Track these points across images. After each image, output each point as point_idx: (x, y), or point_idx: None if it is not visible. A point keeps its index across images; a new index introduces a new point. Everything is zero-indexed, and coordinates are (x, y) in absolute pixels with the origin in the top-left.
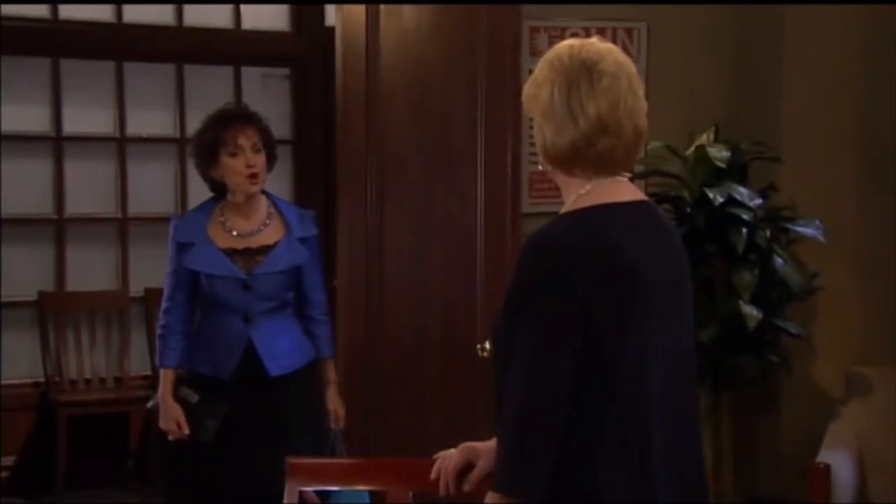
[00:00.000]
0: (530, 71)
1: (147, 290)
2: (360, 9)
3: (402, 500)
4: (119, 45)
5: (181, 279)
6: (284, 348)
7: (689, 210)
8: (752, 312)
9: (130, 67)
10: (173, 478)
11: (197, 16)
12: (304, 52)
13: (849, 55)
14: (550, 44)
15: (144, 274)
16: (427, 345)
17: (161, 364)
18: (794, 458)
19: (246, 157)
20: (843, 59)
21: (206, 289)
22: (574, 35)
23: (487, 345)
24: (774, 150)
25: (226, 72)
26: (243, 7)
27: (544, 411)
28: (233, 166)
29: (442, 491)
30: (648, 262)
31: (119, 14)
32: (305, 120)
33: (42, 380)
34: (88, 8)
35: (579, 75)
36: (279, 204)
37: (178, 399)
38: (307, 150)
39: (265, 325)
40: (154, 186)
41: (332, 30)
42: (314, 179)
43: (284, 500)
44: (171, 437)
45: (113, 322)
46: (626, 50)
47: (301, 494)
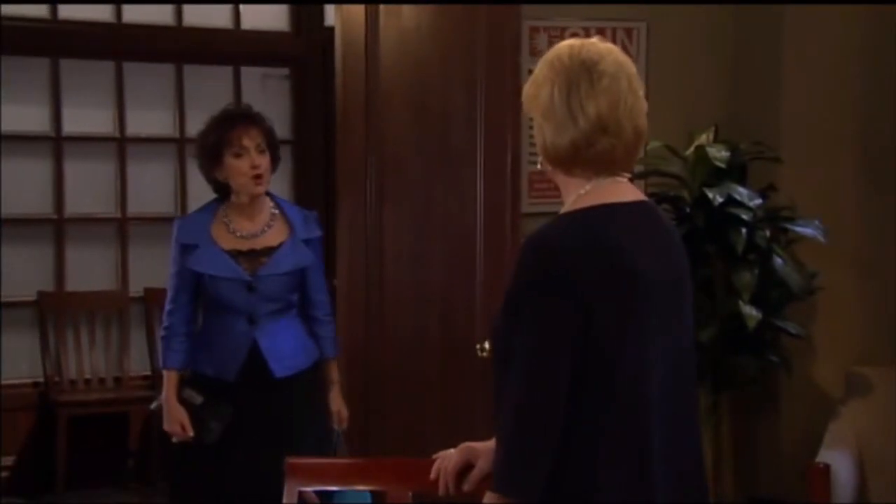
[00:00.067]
0: (530, 71)
1: (147, 290)
2: (360, 9)
3: (401, 500)
4: (119, 45)
5: (184, 281)
6: (289, 350)
7: (688, 210)
8: (752, 312)
9: (130, 67)
10: (177, 480)
11: (196, 16)
12: (303, 52)
13: (848, 55)
14: (550, 44)
15: (144, 274)
16: (426, 345)
17: (164, 366)
18: (793, 458)
19: (250, 157)
20: (843, 59)
21: (210, 290)
22: (574, 35)
23: (487, 345)
24: (774, 150)
25: (225, 72)
26: (243, 7)
27: (543, 411)
28: (237, 167)
29: (441, 491)
30: (648, 263)
31: (118, 14)
32: (305, 120)
33: (42, 380)
34: (88, 8)
35: (579, 75)
36: (283, 205)
37: (182, 401)
38: (307, 151)
39: (270, 327)
40: (154, 186)
41: (331, 30)
42: (314, 179)
43: (284, 501)
44: (175, 439)
45: (112, 322)
46: (625, 50)
47: (300, 495)
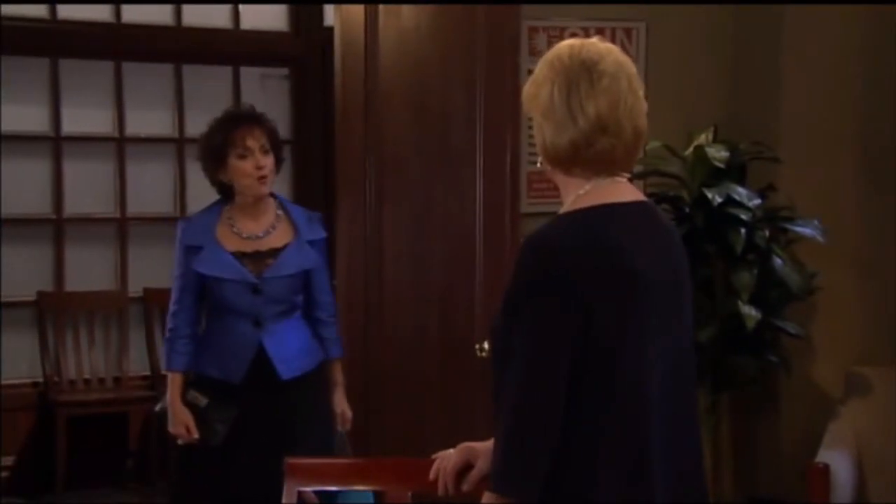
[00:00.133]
0: (529, 71)
1: (146, 290)
2: (359, 9)
3: (400, 499)
4: (118, 45)
5: (189, 283)
6: (294, 351)
7: (687, 210)
8: (751, 312)
9: (129, 67)
10: (182, 481)
11: (196, 16)
12: (302, 52)
13: (848, 55)
14: (549, 44)
15: (143, 274)
16: (426, 345)
17: (169, 368)
18: (793, 458)
19: (255, 158)
20: (843, 59)
21: (215, 293)
22: (573, 35)
23: (486, 345)
24: (773, 150)
25: (225, 72)
26: (242, 7)
27: (542, 411)
28: (242, 168)
29: (441, 491)
30: (648, 263)
31: (118, 14)
32: (304, 120)
33: (41, 380)
34: (87, 8)
35: (579, 75)
36: (287, 206)
37: (187, 403)
38: (306, 151)
39: (275, 329)
40: (153, 186)
41: (330, 30)
42: (313, 179)
43: (283, 501)
44: (180, 442)
45: (112, 322)
46: (624, 50)
47: (300, 495)
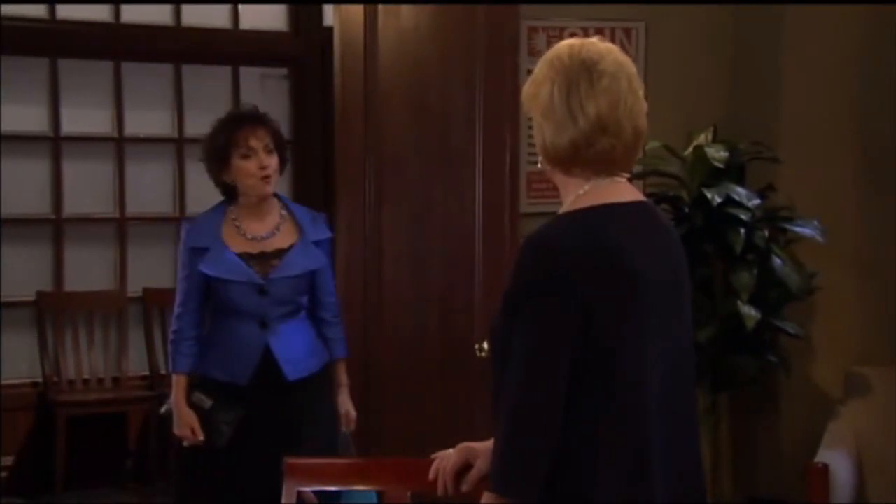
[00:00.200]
0: (529, 71)
1: (145, 290)
2: (359, 9)
3: (400, 499)
4: (117, 45)
5: (194, 284)
6: (301, 352)
7: (687, 210)
8: (751, 312)
9: (129, 67)
10: (187, 483)
11: (195, 16)
12: (302, 52)
13: (848, 55)
14: (549, 44)
15: (143, 274)
16: (425, 344)
17: (174, 370)
18: (793, 458)
19: (259, 158)
20: (843, 59)
21: (220, 294)
22: (572, 35)
23: (486, 345)
24: (773, 150)
25: (224, 72)
26: (242, 7)
27: (542, 411)
28: (245, 168)
29: (440, 491)
30: (647, 263)
31: (117, 14)
32: (304, 120)
33: (40, 380)
34: (87, 8)
35: (579, 75)
36: (291, 206)
37: (192, 405)
38: (306, 151)
39: (281, 330)
40: (152, 186)
41: (330, 30)
42: (313, 179)
43: (283, 501)
44: (185, 443)
45: (111, 322)
46: (624, 50)
47: (299, 495)
